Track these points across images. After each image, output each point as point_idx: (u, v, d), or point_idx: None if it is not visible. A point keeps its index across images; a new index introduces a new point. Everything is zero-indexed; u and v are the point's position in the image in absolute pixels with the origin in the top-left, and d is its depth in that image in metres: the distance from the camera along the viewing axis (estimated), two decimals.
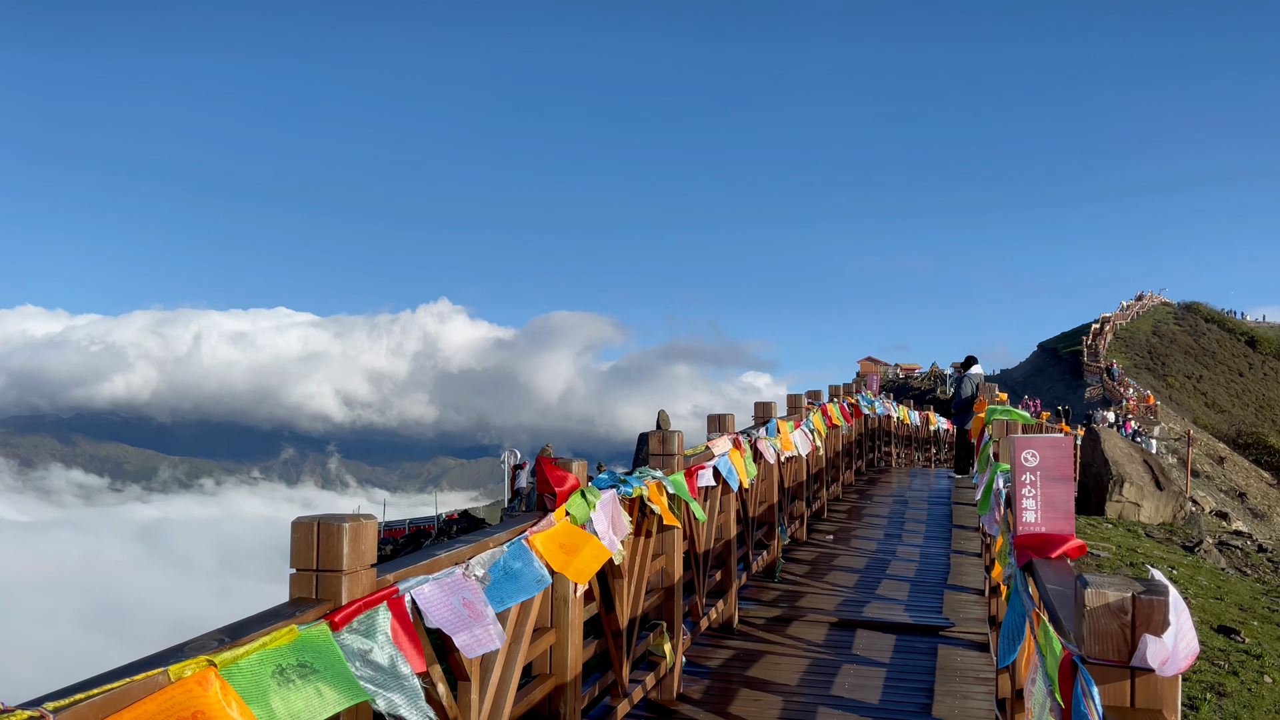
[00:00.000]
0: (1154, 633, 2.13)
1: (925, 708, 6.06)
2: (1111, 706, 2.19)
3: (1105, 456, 19.70)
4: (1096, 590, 2.23)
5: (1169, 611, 2.13)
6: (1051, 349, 73.85)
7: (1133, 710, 2.18)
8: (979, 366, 18.09)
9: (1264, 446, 50.50)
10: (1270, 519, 37.50)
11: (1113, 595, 2.21)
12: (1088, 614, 2.23)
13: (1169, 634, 2.09)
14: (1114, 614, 2.20)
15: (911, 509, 14.16)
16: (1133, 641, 2.18)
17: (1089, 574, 2.38)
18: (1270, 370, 72.08)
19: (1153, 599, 2.18)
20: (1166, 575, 12.54)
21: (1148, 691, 2.19)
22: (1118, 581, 2.27)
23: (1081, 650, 2.26)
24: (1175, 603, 2.14)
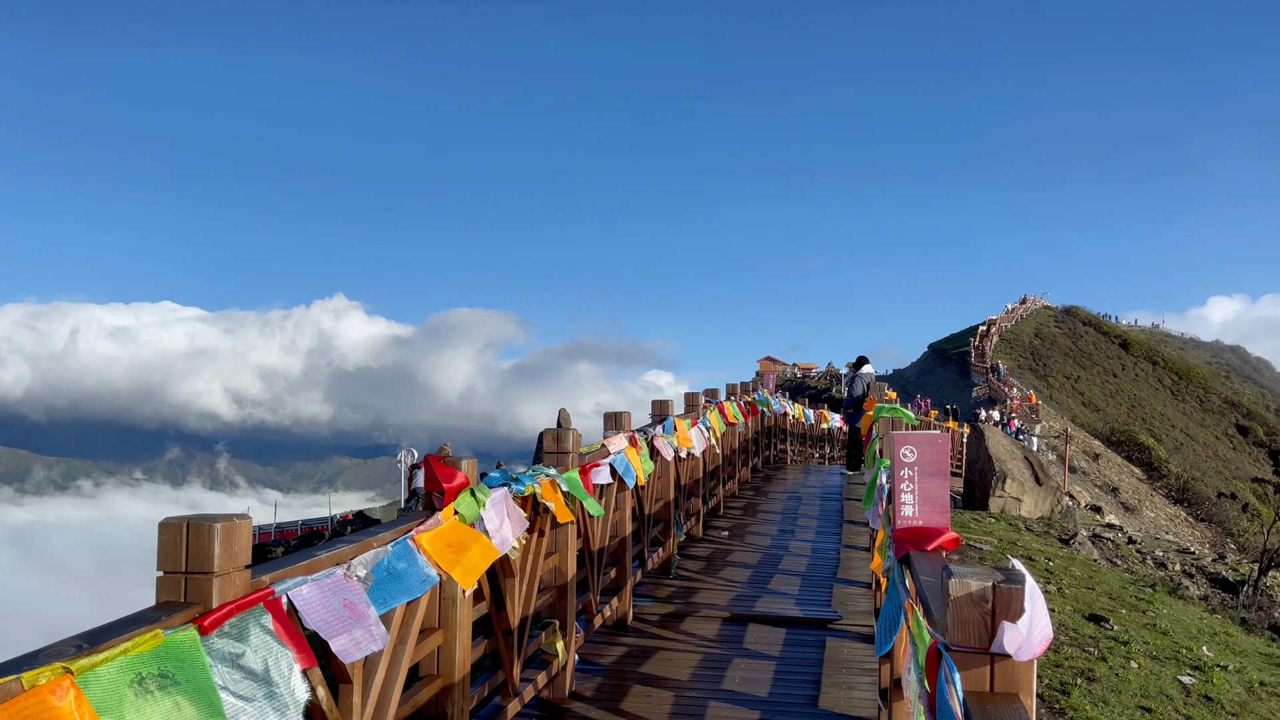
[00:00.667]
0: (1012, 620, 2.23)
1: (813, 699, 6.20)
2: (972, 692, 2.28)
3: (989, 454, 20.48)
4: (960, 580, 2.32)
5: (1025, 599, 2.23)
6: (941, 350, 76.43)
7: (991, 695, 2.28)
8: (870, 366, 18.58)
9: (1135, 444, 53.24)
10: (1140, 512, 39.52)
11: (975, 585, 2.30)
12: (952, 603, 2.32)
13: (1024, 621, 2.19)
14: (976, 602, 2.30)
15: (805, 505, 14.47)
16: (992, 629, 2.27)
17: (954, 565, 2.48)
18: (1141, 372, 76.09)
19: (1011, 587, 2.28)
20: (1044, 567, 13.12)
21: (1006, 676, 2.29)
22: (980, 571, 2.37)
23: (946, 638, 2.35)
24: (1031, 591, 2.24)
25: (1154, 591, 13.76)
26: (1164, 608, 12.62)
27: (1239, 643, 11.99)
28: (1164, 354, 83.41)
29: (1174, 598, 14.17)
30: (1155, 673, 9.36)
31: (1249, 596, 16.81)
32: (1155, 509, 41.30)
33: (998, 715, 2.15)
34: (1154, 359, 79.86)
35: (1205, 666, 10.00)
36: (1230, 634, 12.36)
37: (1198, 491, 46.74)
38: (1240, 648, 11.71)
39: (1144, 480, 47.19)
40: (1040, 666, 8.66)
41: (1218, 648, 11.20)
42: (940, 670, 2.32)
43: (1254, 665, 10.92)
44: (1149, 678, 9.14)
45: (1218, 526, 41.48)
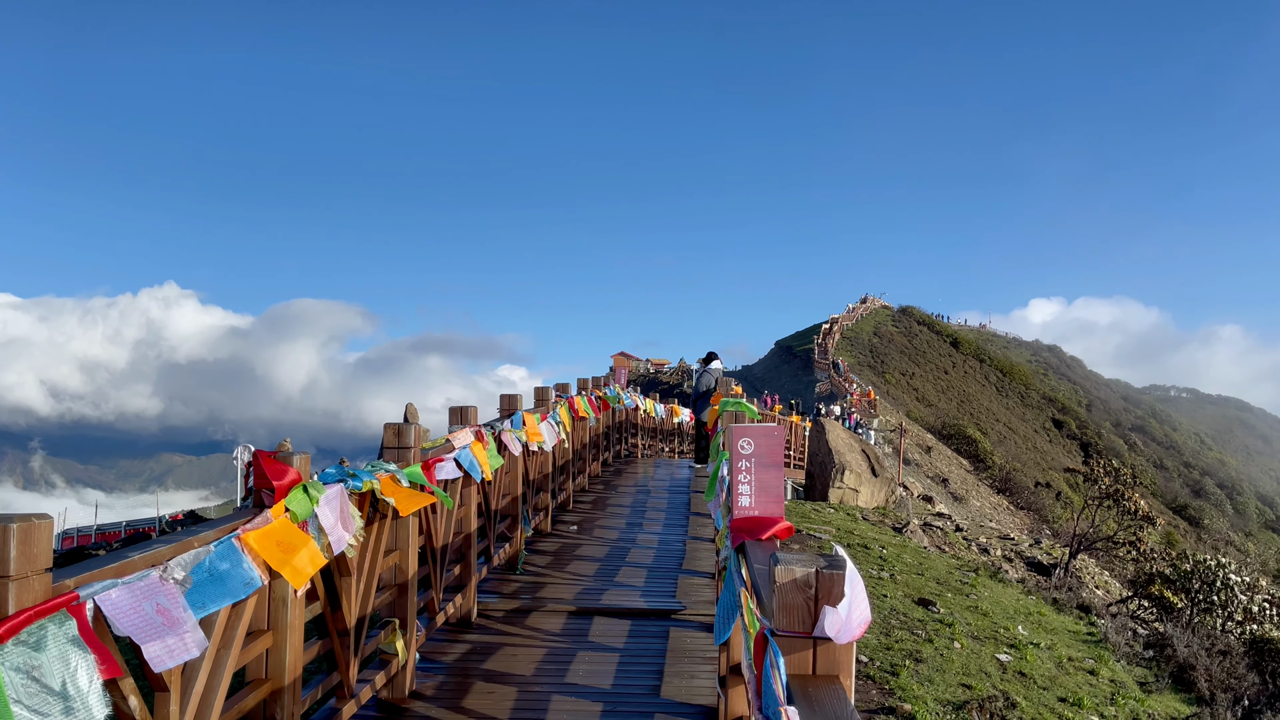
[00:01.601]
0: (833, 605, 2.31)
1: (655, 689, 6.28)
2: (796, 675, 2.35)
3: (830, 447, 21.30)
4: (785, 567, 2.39)
5: (846, 584, 2.32)
6: (788, 346, 79.00)
7: (814, 677, 2.36)
8: (719, 362, 18.97)
9: (964, 437, 56.45)
10: (967, 501, 41.89)
11: (799, 571, 2.38)
12: (777, 589, 2.38)
13: (843, 605, 2.27)
14: (800, 588, 2.37)
15: (654, 498, 14.65)
16: (815, 613, 2.35)
17: (780, 552, 2.55)
18: (969, 369, 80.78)
19: (833, 573, 2.36)
20: (878, 555, 13.69)
21: (827, 659, 2.37)
22: (804, 558, 2.45)
23: (772, 623, 2.42)
24: (851, 576, 2.33)
25: (977, 576, 14.61)
26: (985, 591, 13.42)
27: (1050, 621, 12.88)
28: (990, 352, 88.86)
29: (995, 581, 15.07)
30: (976, 652, 9.94)
31: (1060, 578, 18.09)
32: (981, 498, 43.90)
33: (818, 696, 2.22)
34: (981, 357, 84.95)
35: (1020, 644, 10.69)
36: (1043, 614, 13.26)
37: (1018, 481, 50.00)
38: (1051, 626, 12.58)
39: (971, 471, 50.08)
40: (872, 650, 9.07)
41: (1032, 627, 12.00)
42: (766, 655, 2.38)
43: (1063, 642, 11.76)
44: (970, 656, 9.69)
45: (1035, 514, 44.48)
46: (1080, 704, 9.33)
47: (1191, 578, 16.83)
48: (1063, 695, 9.44)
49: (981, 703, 8.41)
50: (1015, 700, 8.74)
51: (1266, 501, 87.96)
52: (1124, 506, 19.87)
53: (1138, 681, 11.07)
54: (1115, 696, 10.00)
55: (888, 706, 7.79)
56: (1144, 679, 11.28)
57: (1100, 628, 13.26)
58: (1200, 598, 16.60)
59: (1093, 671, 10.70)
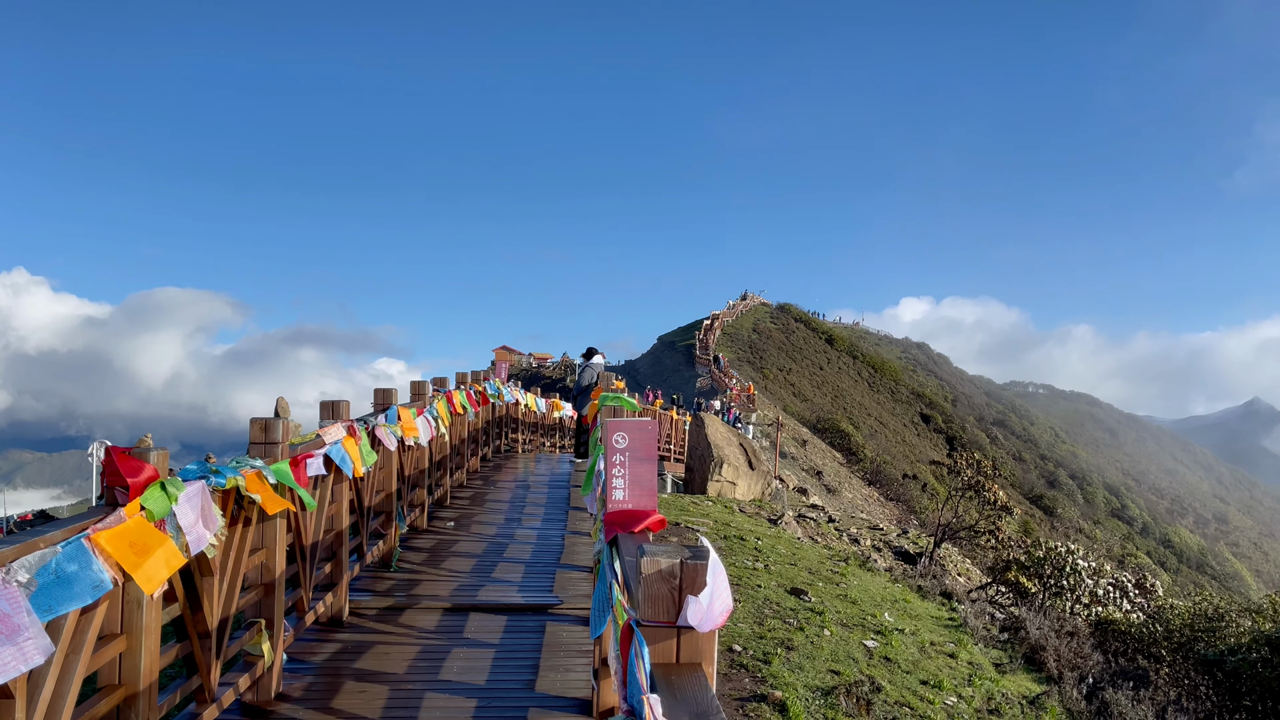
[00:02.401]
0: (696, 594, 2.37)
1: (530, 683, 6.28)
2: (660, 664, 2.40)
3: (709, 441, 21.64)
4: (651, 558, 2.44)
5: (708, 574, 2.38)
6: (670, 342, 79.84)
7: (677, 665, 2.42)
8: (601, 357, 19.03)
9: (837, 431, 58.22)
10: (840, 493, 43.23)
11: (664, 562, 2.43)
12: (643, 580, 2.43)
13: (705, 594, 2.33)
14: (665, 579, 2.42)
15: (533, 493, 14.60)
16: (679, 603, 2.41)
17: (646, 544, 2.60)
18: (843, 365, 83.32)
19: (697, 563, 2.42)
20: (753, 546, 14.00)
21: (690, 647, 2.43)
22: (669, 550, 2.50)
23: (638, 614, 2.47)
24: (714, 566, 2.39)
25: (847, 565, 15.11)
26: (855, 580, 13.90)
27: (915, 608, 13.43)
28: (863, 349, 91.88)
29: (864, 570, 15.62)
30: (845, 639, 10.29)
31: (925, 567, 18.88)
32: (853, 490, 45.38)
33: (681, 684, 2.27)
34: (855, 354, 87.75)
35: (886, 631, 11.12)
36: (909, 600, 13.82)
37: (888, 474, 51.90)
38: (916, 612, 13.12)
39: (844, 464, 51.71)
40: (746, 639, 9.29)
41: (898, 613, 12.49)
42: (632, 645, 2.43)
43: (927, 628, 12.28)
44: (839, 643, 10.03)
45: (904, 505, 46.24)
46: (940, 686, 9.77)
47: (1044, 564, 17.81)
48: (925, 678, 9.87)
49: (849, 687, 8.71)
50: (881, 684, 9.10)
51: (1113, 491, 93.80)
52: (984, 497, 20.84)
53: (993, 663, 11.66)
54: (972, 678, 10.51)
55: (759, 694, 7.99)
56: (999, 660, 11.88)
57: (961, 613, 13.90)
58: (1051, 583, 17.57)
59: (953, 655, 11.21)
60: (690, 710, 2.12)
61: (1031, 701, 10.47)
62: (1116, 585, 18.52)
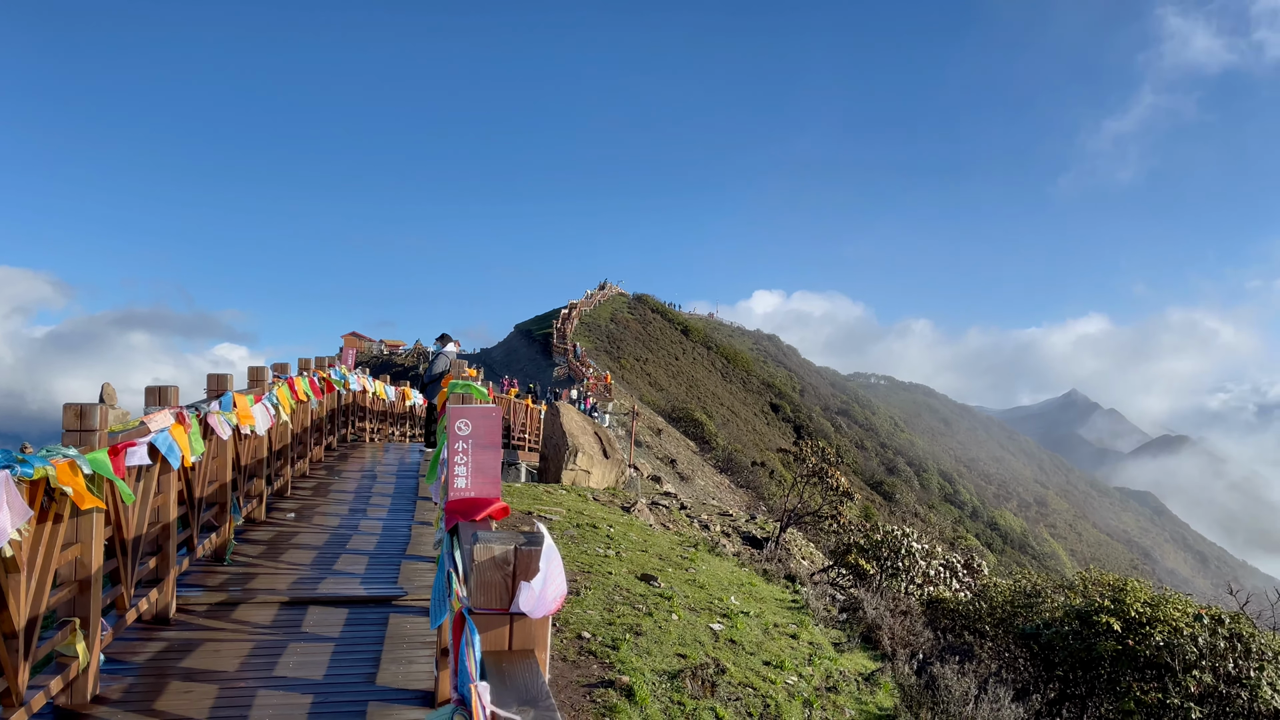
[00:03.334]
0: (529, 580, 2.35)
1: (370, 676, 6.11)
2: (491, 651, 2.37)
3: (564, 430, 21.62)
4: (484, 545, 2.40)
5: (542, 559, 2.36)
6: (527, 330, 79.31)
7: (510, 652, 2.39)
8: (455, 344, 18.72)
9: (691, 420, 59.28)
10: (693, 481, 44.07)
11: (498, 549, 2.39)
12: (476, 568, 2.39)
13: (538, 580, 2.31)
14: (498, 565, 2.39)
15: (380, 483, 14.23)
16: (513, 590, 2.38)
17: (481, 531, 2.55)
18: (698, 355, 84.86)
19: (530, 549, 2.39)
20: (605, 533, 14.07)
21: (523, 634, 2.40)
22: (504, 536, 2.47)
23: (471, 602, 2.42)
24: (548, 551, 2.37)
25: (697, 551, 15.40)
26: (704, 565, 14.18)
27: (760, 591, 13.82)
28: (717, 340, 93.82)
29: (713, 555, 15.96)
30: (692, 622, 10.48)
31: (771, 551, 19.45)
32: (706, 477, 46.33)
33: (511, 670, 2.25)
34: (709, 345, 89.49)
35: (732, 613, 11.40)
36: (754, 584, 14.21)
37: (739, 461, 53.22)
38: (761, 595, 13.51)
39: (697, 452, 52.70)
40: (595, 626, 9.33)
41: (744, 597, 12.82)
42: (464, 633, 2.38)
43: (771, 610, 12.66)
44: (687, 627, 10.21)
45: (753, 491, 47.55)
46: (782, 666, 10.10)
47: (881, 546, 18.64)
48: (768, 659, 10.18)
49: (695, 670, 8.89)
50: (725, 666, 9.32)
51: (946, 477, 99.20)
52: (828, 484, 21.63)
53: (833, 643, 12.13)
54: (813, 657, 10.91)
55: (607, 680, 8.05)
56: (838, 640, 12.38)
57: (804, 595, 14.39)
58: (888, 564, 18.41)
59: (795, 636, 11.60)
60: (519, 697, 2.09)
61: (867, 678, 10.95)
62: (947, 566, 19.58)
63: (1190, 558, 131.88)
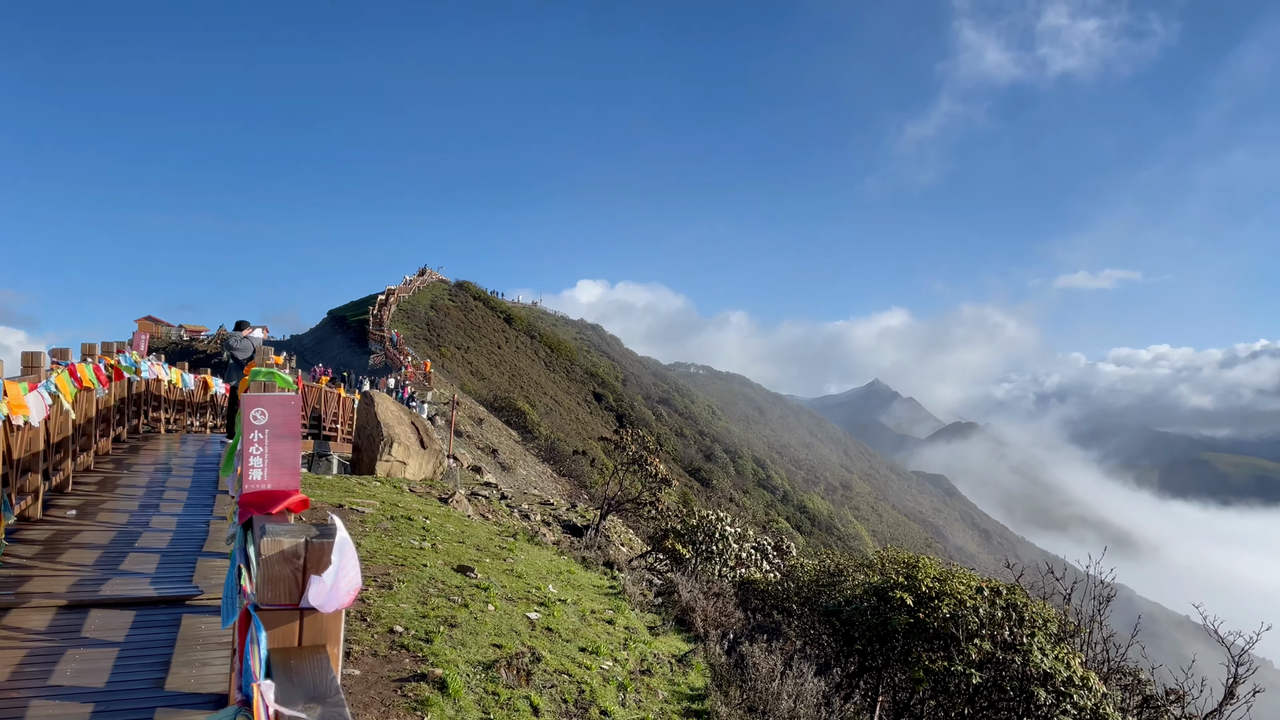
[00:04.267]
0: (320, 574, 2.25)
1: (159, 681, 5.74)
2: (280, 648, 2.26)
3: (378, 420, 21.00)
4: (273, 539, 2.29)
5: (334, 552, 2.27)
6: (341, 317, 76.46)
7: (299, 649, 2.29)
8: (260, 331, 17.83)
9: (514, 409, 58.92)
10: (515, 471, 43.87)
11: (288, 542, 2.29)
12: (263, 562, 2.27)
13: (329, 573, 2.23)
14: (288, 560, 2.28)
15: (176, 477, 13.38)
16: (303, 584, 2.28)
17: (270, 524, 2.44)
18: (521, 344, 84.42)
19: (322, 542, 2.30)
20: (421, 525, 13.78)
21: (314, 629, 2.31)
22: (295, 529, 2.36)
23: (259, 598, 2.30)
24: (341, 543, 2.29)
25: (516, 540, 15.34)
26: (523, 554, 14.14)
27: (579, 579, 13.91)
28: (541, 329, 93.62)
29: (532, 545, 15.94)
30: (509, 612, 10.43)
31: (591, 538, 19.62)
32: (528, 467, 46.20)
33: (301, 667, 2.16)
34: (532, 333, 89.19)
35: (550, 602, 11.43)
36: (573, 572, 14.29)
37: (561, 450, 53.37)
38: (579, 583, 13.60)
39: (519, 442, 52.46)
40: (408, 619, 9.13)
41: (562, 584, 12.87)
42: (249, 631, 2.27)
43: (588, 597, 12.77)
44: (503, 617, 10.15)
45: (575, 480, 47.83)
46: (598, 651, 10.21)
47: (697, 531, 19.16)
48: (584, 645, 10.26)
49: (510, 659, 8.85)
50: (541, 654, 9.33)
51: (760, 463, 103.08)
52: (647, 471, 22.00)
53: (648, 626, 12.37)
54: (628, 642, 11.08)
55: (420, 673, 7.90)
56: (653, 624, 12.63)
57: (621, 581, 14.60)
58: (703, 548, 18.95)
59: (611, 621, 11.75)
60: (307, 694, 2.01)
61: (680, 659, 11.23)
62: (758, 549, 20.35)
63: (976, 535, 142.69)
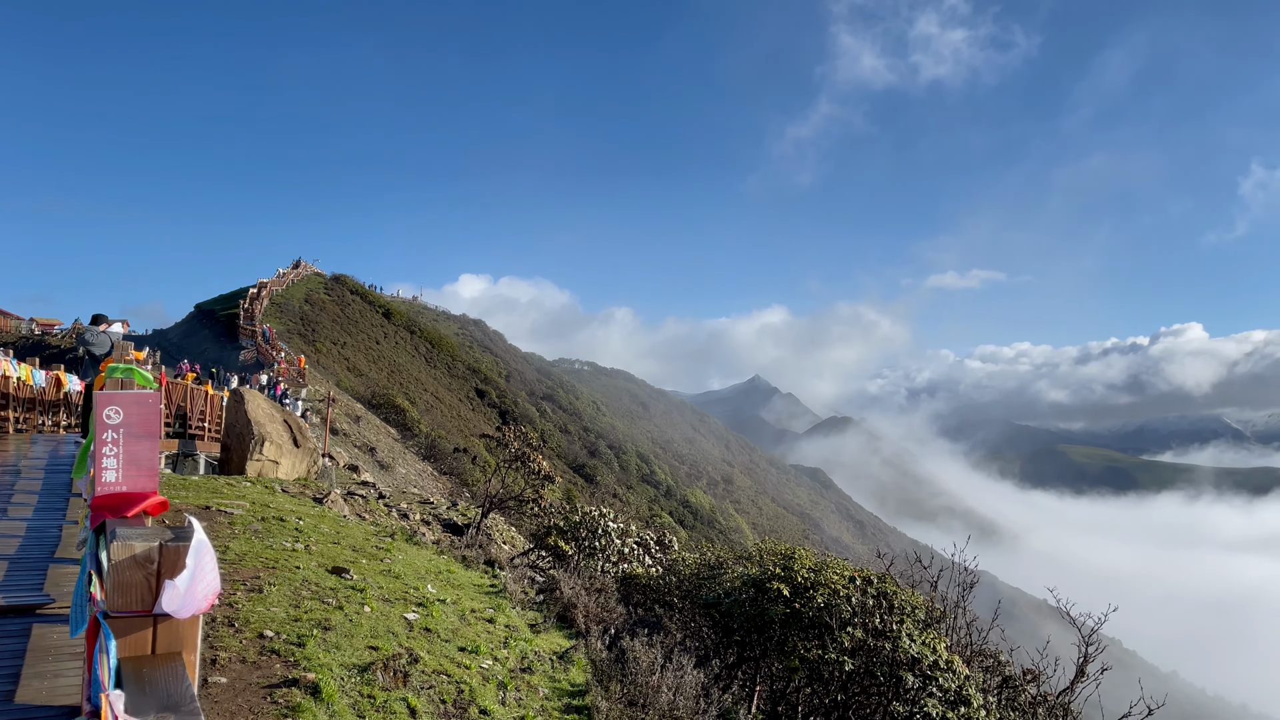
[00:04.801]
0: (174, 578, 2.17)
1: (8, 694, 5.40)
2: (132, 657, 2.17)
3: (249, 418, 20.25)
4: (124, 543, 2.19)
5: (190, 555, 2.19)
6: (209, 311, 73.35)
7: (153, 657, 2.20)
8: (119, 325, 16.98)
9: (393, 406, 57.69)
10: (394, 469, 42.99)
11: (139, 546, 2.20)
12: (114, 568, 2.18)
13: (184, 577, 2.15)
14: (140, 564, 2.19)
15: (26, 479, 12.61)
16: (157, 590, 2.19)
17: (121, 527, 2.34)
18: (401, 339, 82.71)
19: (177, 545, 2.22)
20: (294, 526, 13.36)
21: (169, 636, 2.22)
22: (148, 532, 2.27)
23: (109, 605, 2.20)
24: (198, 546, 2.21)
25: (393, 540, 15.05)
26: (400, 554, 13.88)
27: (459, 578, 13.75)
28: (421, 324, 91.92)
29: (411, 544, 15.67)
30: (385, 613, 10.23)
31: (472, 537, 19.41)
32: (407, 465, 45.32)
33: (154, 676, 2.08)
34: (412, 329, 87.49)
35: (428, 602, 11.26)
36: (453, 571, 14.12)
37: (442, 448, 52.56)
38: (459, 582, 13.44)
39: (399, 440, 51.41)
40: (279, 624, 8.86)
41: (441, 584, 12.70)
42: (98, 640, 2.17)
43: (469, 596, 12.63)
44: (380, 619, 9.95)
45: (456, 478, 47.20)
46: (478, 651, 10.12)
47: (580, 527, 19.19)
48: (463, 645, 10.16)
49: (386, 661, 8.68)
50: (419, 655, 9.19)
51: (644, 459, 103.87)
52: (530, 468, 21.90)
53: (529, 624, 12.33)
54: (508, 640, 11.03)
55: (291, 679, 7.68)
56: (535, 621, 12.60)
57: (502, 579, 14.50)
58: (586, 544, 19.00)
59: (491, 620, 11.66)
60: (160, 703, 1.93)
61: (561, 656, 11.24)
62: (641, 544, 20.53)
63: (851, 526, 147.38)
